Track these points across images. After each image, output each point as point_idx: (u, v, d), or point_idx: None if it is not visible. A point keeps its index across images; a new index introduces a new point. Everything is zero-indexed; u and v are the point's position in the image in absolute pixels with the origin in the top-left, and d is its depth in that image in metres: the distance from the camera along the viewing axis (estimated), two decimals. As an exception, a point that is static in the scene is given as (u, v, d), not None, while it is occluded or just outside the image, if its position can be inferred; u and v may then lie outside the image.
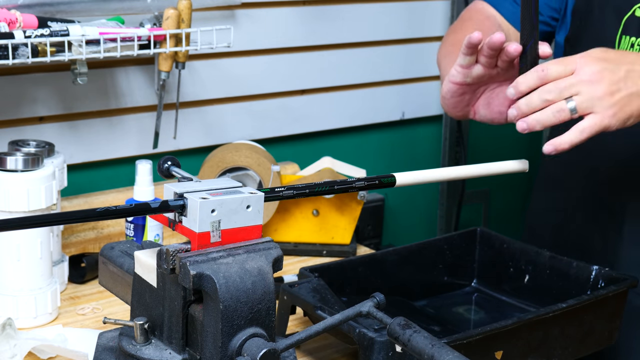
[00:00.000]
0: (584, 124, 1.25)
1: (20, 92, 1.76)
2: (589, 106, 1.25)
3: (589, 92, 1.24)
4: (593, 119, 1.25)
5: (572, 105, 1.24)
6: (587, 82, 1.24)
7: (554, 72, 1.26)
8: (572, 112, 1.25)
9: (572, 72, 1.26)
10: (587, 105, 1.25)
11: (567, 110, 1.25)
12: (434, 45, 2.35)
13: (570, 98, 1.25)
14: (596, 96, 1.24)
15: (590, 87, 1.24)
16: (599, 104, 1.25)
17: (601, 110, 1.25)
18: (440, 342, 1.01)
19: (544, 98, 1.26)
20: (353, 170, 1.92)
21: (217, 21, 1.94)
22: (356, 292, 1.51)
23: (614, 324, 1.48)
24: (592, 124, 1.25)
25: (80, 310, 1.53)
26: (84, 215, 1.00)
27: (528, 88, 1.27)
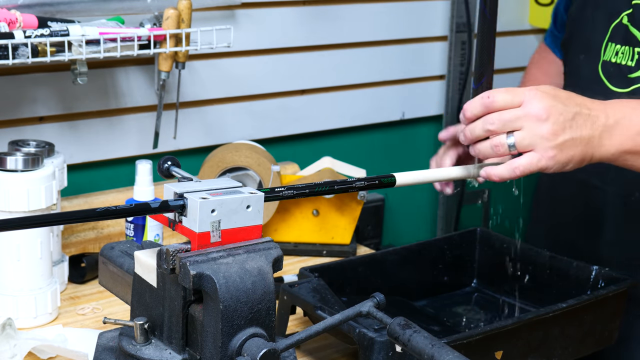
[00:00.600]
0: (520, 161, 1.20)
1: (20, 92, 1.76)
2: (530, 144, 1.19)
3: (533, 128, 1.19)
4: (530, 157, 1.19)
5: (512, 141, 1.19)
6: (533, 117, 1.18)
7: (500, 101, 1.20)
8: (511, 148, 1.19)
9: (519, 103, 1.20)
10: (528, 142, 1.19)
11: (505, 146, 1.19)
12: (434, 45, 2.35)
13: (512, 133, 1.19)
14: (539, 134, 1.18)
15: (534, 123, 1.18)
16: (540, 143, 1.19)
17: (541, 151, 1.19)
18: (440, 342, 1.01)
19: (486, 128, 1.21)
20: (353, 170, 1.92)
21: (217, 21, 1.94)
22: (356, 292, 1.51)
23: (614, 324, 1.48)
24: (527, 163, 1.20)
25: (80, 310, 1.53)
26: (84, 215, 1.00)
27: (473, 115, 1.22)
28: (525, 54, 2.57)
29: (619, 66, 1.50)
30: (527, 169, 1.20)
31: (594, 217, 1.59)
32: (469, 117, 1.23)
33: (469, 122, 1.23)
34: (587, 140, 1.21)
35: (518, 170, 1.20)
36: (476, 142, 1.23)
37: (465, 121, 1.24)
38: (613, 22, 1.52)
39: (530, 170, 1.20)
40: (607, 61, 1.52)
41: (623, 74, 1.49)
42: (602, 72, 1.54)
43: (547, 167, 1.20)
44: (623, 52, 1.49)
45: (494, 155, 1.21)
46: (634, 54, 1.48)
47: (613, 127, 1.22)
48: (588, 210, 1.61)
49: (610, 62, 1.51)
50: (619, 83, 1.51)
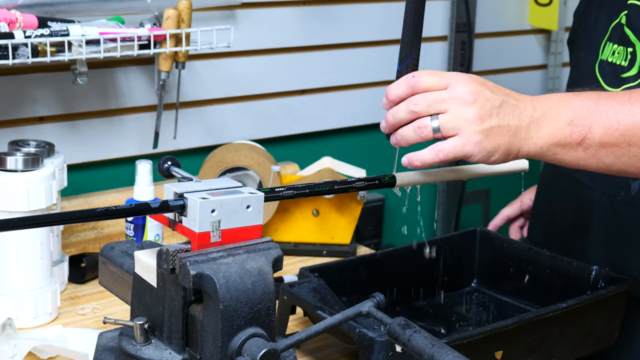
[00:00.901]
0: (444, 144, 1.14)
1: (20, 92, 1.76)
2: (454, 127, 1.13)
3: (459, 111, 1.13)
4: (455, 141, 1.13)
5: (436, 124, 1.13)
6: (459, 100, 1.13)
7: (426, 82, 1.14)
8: (435, 131, 1.13)
9: (446, 86, 1.14)
10: (452, 125, 1.13)
11: (429, 128, 1.13)
12: (434, 45, 2.35)
13: (436, 115, 1.13)
14: (465, 118, 1.13)
15: (461, 106, 1.13)
16: (466, 127, 1.13)
17: (466, 135, 1.13)
18: (440, 342, 1.01)
19: (410, 109, 1.15)
20: (353, 170, 1.92)
21: (217, 21, 1.94)
22: (356, 292, 1.51)
23: (614, 324, 1.48)
24: (451, 147, 1.13)
25: (80, 310, 1.53)
26: (84, 215, 1.00)
27: (397, 97, 1.17)
28: (525, 54, 2.57)
29: (614, 66, 1.50)
30: (450, 153, 1.14)
31: (583, 215, 1.60)
32: (392, 99, 1.17)
33: (391, 105, 1.18)
34: (514, 130, 1.15)
35: (441, 153, 1.14)
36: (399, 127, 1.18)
37: (387, 104, 1.19)
38: (613, 21, 1.52)
39: (454, 155, 1.14)
40: (604, 60, 1.52)
41: (617, 73, 1.49)
42: (598, 70, 1.54)
43: (472, 153, 1.14)
44: (619, 52, 1.49)
45: (418, 138, 1.15)
46: (627, 54, 1.48)
47: (541, 118, 1.16)
48: (579, 208, 1.61)
49: (606, 61, 1.51)
50: (612, 82, 1.51)
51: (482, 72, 2.46)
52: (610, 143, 1.16)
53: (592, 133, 1.16)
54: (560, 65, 2.60)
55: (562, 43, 2.58)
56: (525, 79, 2.58)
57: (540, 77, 2.61)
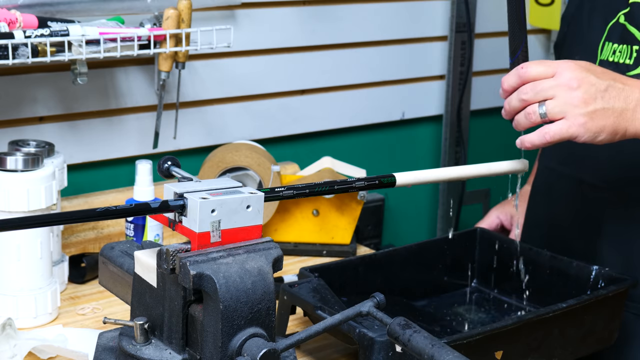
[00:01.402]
0: (550, 127, 1.23)
1: (20, 92, 1.76)
2: (561, 111, 1.22)
3: (564, 97, 1.22)
4: (561, 124, 1.23)
5: (543, 110, 1.23)
6: (564, 86, 1.22)
7: (533, 71, 1.24)
8: (542, 116, 1.23)
9: (552, 74, 1.23)
10: (559, 110, 1.22)
11: (537, 113, 1.23)
12: (434, 45, 2.35)
13: (544, 102, 1.23)
14: (570, 102, 1.22)
15: (566, 92, 1.22)
16: (571, 111, 1.22)
17: (572, 118, 1.22)
18: (440, 342, 1.01)
19: (521, 98, 1.25)
20: (353, 170, 1.92)
21: (217, 21, 1.94)
22: (356, 292, 1.51)
23: (614, 324, 1.48)
24: (557, 129, 1.23)
25: (80, 310, 1.53)
26: (84, 215, 1.00)
27: (509, 87, 1.27)
28: (525, 54, 2.57)
29: (617, 65, 1.50)
30: (556, 135, 1.22)
31: (593, 215, 1.59)
32: (506, 89, 1.27)
33: (506, 94, 1.28)
34: (619, 112, 1.23)
35: (548, 135, 1.23)
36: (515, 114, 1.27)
37: (503, 94, 1.28)
38: (610, 21, 1.52)
39: (560, 136, 1.23)
40: (605, 60, 1.52)
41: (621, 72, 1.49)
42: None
43: (577, 134, 1.22)
44: (621, 51, 1.49)
45: (528, 123, 1.24)
46: (632, 52, 1.48)
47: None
48: (587, 209, 1.61)
49: (607, 61, 1.51)
50: None
51: (482, 72, 2.46)
52: None
53: None
54: (560, 65, 2.60)
55: (562, 43, 2.58)
56: (525, 79, 2.58)
57: (540, 77, 2.61)
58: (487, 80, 2.47)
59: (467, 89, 2.39)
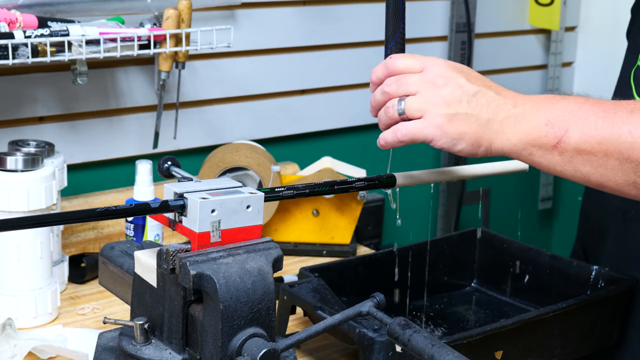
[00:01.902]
0: (405, 124, 1.12)
1: (20, 92, 1.76)
2: (419, 109, 1.11)
3: (427, 94, 1.11)
4: (416, 123, 1.11)
5: (402, 106, 1.12)
6: (429, 82, 1.11)
7: (401, 64, 1.14)
8: (400, 112, 1.12)
9: (421, 69, 1.13)
10: (417, 107, 1.11)
11: (395, 108, 1.12)
12: (434, 45, 2.35)
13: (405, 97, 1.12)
14: (432, 100, 1.10)
15: (430, 89, 1.11)
16: (430, 110, 1.10)
17: (430, 117, 1.10)
18: (440, 342, 1.01)
19: (384, 90, 1.14)
20: (353, 170, 1.92)
21: (217, 21, 1.94)
22: (356, 292, 1.51)
23: (614, 324, 1.48)
24: (411, 127, 1.11)
25: (80, 310, 1.53)
26: (84, 215, 1.00)
27: (377, 79, 1.17)
28: (525, 54, 2.57)
29: None
30: (409, 133, 1.11)
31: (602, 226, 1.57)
32: (374, 80, 1.18)
33: (374, 87, 1.18)
34: (484, 122, 1.11)
35: (399, 133, 1.12)
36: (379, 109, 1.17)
37: (372, 87, 1.19)
38: None
39: (413, 136, 1.11)
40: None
41: None
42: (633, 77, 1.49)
43: (433, 136, 1.10)
44: None
45: (387, 120, 1.14)
46: None
47: (519, 115, 1.11)
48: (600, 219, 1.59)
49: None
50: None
51: (482, 72, 2.46)
52: (586, 150, 1.08)
53: (568, 137, 1.08)
54: (560, 65, 2.60)
55: (562, 43, 2.58)
56: (525, 79, 2.58)
57: (540, 77, 2.61)
58: (487, 80, 2.47)
59: (467, 89, 2.38)
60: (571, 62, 2.66)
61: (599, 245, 1.59)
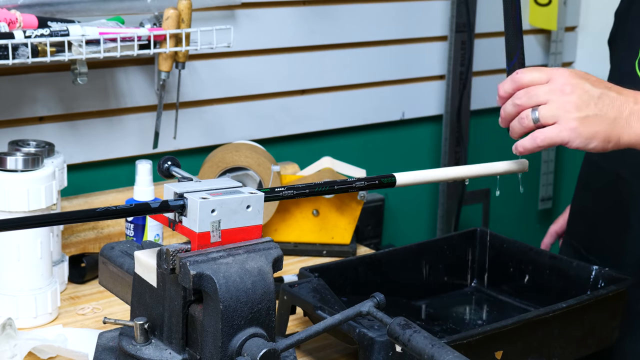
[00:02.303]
0: (542, 131, 1.22)
1: (20, 92, 1.76)
2: (553, 115, 1.21)
3: (558, 102, 1.21)
4: (552, 128, 1.22)
5: (536, 115, 1.22)
6: (558, 91, 1.22)
7: (528, 77, 1.24)
8: (535, 120, 1.22)
9: (547, 80, 1.23)
10: (551, 114, 1.22)
11: (529, 118, 1.22)
12: (434, 46, 2.35)
13: (537, 107, 1.22)
14: (563, 107, 1.21)
15: (559, 97, 1.22)
16: (563, 116, 1.21)
17: (564, 122, 1.21)
18: (440, 342, 1.01)
19: (515, 103, 1.24)
20: (353, 170, 1.92)
21: (217, 21, 1.94)
22: (356, 292, 1.51)
23: (614, 324, 1.48)
24: (548, 133, 1.22)
25: (80, 310, 1.53)
26: (84, 215, 1.00)
27: (505, 93, 1.26)
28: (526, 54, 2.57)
29: None
30: (547, 139, 1.22)
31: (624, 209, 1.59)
32: (502, 95, 1.27)
33: (502, 101, 1.27)
34: (612, 120, 1.23)
35: (539, 139, 1.22)
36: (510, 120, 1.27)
37: (499, 101, 1.28)
38: None
39: (551, 140, 1.22)
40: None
41: None
42: (638, 68, 1.53)
43: (569, 139, 1.21)
44: None
45: (522, 129, 1.24)
46: None
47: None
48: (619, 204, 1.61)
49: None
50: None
51: (482, 72, 2.46)
52: None
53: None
54: (560, 65, 2.60)
55: (562, 43, 2.58)
56: (525, 79, 2.58)
57: (540, 77, 2.61)
58: (487, 80, 2.47)
59: (467, 89, 2.39)
60: (571, 62, 2.66)
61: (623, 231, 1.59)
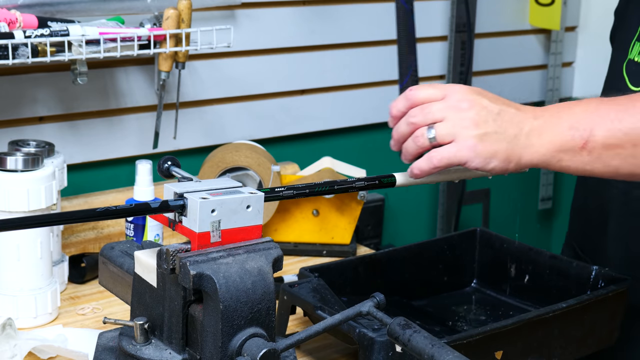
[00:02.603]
0: (438, 150, 1.15)
1: (20, 92, 1.76)
2: (449, 133, 1.15)
3: (454, 118, 1.15)
4: (449, 147, 1.15)
5: (432, 133, 1.15)
6: (454, 108, 1.15)
7: (422, 94, 1.17)
8: (431, 139, 1.15)
9: (442, 97, 1.17)
10: (447, 132, 1.15)
11: (425, 136, 1.16)
12: (434, 45, 2.35)
13: (433, 124, 1.15)
14: (460, 124, 1.14)
15: (456, 113, 1.15)
16: (460, 133, 1.14)
17: (461, 140, 1.14)
18: (440, 342, 1.01)
19: (409, 121, 1.17)
20: (353, 170, 1.92)
21: (217, 21, 1.94)
22: (356, 292, 1.51)
23: (614, 324, 1.48)
24: (444, 154, 1.15)
25: (80, 310, 1.53)
26: (84, 215, 1.00)
27: (398, 112, 1.19)
28: (525, 54, 2.57)
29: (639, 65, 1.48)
30: (444, 158, 1.15)
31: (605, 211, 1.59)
32: (395, 114, 1.20)
33: (395, 121, 1.20)
34: (512, 137, 1.15)
35: (435, 159, 1.15)
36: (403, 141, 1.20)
37: (392, 121, 1.21)
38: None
39: (448, 160, 1.15)
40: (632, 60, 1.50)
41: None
42: (625, 70, 1.52)
43: (467, 158, 1.14)
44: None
45: (417, 148, 1.17)
46: None
47: (542, 126, 1.16)
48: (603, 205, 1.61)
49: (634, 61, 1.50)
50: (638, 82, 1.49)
51: (482, 72, 2.46)
52: (614, 144, 1.14)
53: (594, 135, 1.15)
54: (560, 65, 2.60)
55: (562, 43, 2.58)
56: (525, 79, 2.58)
57: (540, 77, 2.61)
58: (487, 80, 2.47)
59: (467, 89, 2.39)
60: (571, 62, 2.66)
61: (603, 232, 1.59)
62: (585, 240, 1.64)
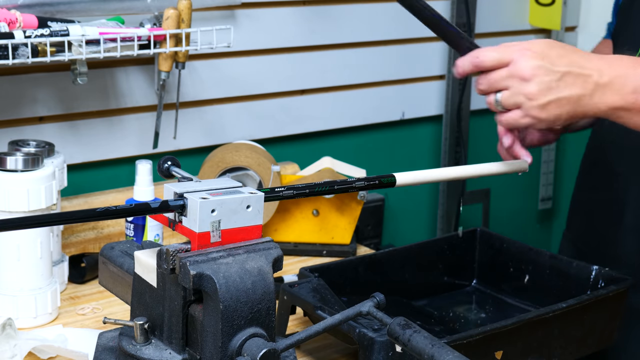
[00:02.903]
0: (505, 115, 1.25)
1: (20, 92, 1.76)
2: (514, 102, 1.23)
3: (518, 88, 1.22)
4: (514, 113, 1.24)
5: (499, 102, 1.24)
6: (518, 77, 1.22)
7: (488, 60, 1.24)
8: (498, 106, 1.25)
9: (507, 62, 1.24)
10: (512, 101, 1.23)
11: (493, 103, 1.25)
12: (434, 45, 2.35)
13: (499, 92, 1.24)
14: (524, 93, 1.22)
15: (519, 83, 1.22)
16: (524, 102, 1.22)
17: (525, 109, 1.23)
18: (440, 342, 1.01)
19: (478, 88, 1.27)
20: (353, 170, 1.92)
21: (217, 21, 1.94)
22: (356, 292, 1.51)
23: (614, 324, 1.48)
24: (510, 118, 1.24)
25: (80, 310, 1.53)
26: (84, 215, 1.00)
27: (464, 72, 1.28)
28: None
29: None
30: (509, 123, 1.25)
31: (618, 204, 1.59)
32: (460, 72, 1.29)
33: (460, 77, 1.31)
34: (576, 99, 1.22)
35: (501, 123, 1.26)
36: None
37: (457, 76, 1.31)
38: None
39: (515, 125, 1.25)
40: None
41: None
42: None
43: (532, 124, 1.24)
44: None
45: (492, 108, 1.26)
46: None
47: (606, 85, 1.23)
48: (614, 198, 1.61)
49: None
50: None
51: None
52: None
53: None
54: (560, 65, 2.60)
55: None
56: (525, 79, 2.57)
57: (540, 77, 2.61)
58: (487, 80, 2.47)
59: (467, 89, 2.39)
60: (571, 62, 2.66)
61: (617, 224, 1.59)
62: (589, 236, 1.64)
